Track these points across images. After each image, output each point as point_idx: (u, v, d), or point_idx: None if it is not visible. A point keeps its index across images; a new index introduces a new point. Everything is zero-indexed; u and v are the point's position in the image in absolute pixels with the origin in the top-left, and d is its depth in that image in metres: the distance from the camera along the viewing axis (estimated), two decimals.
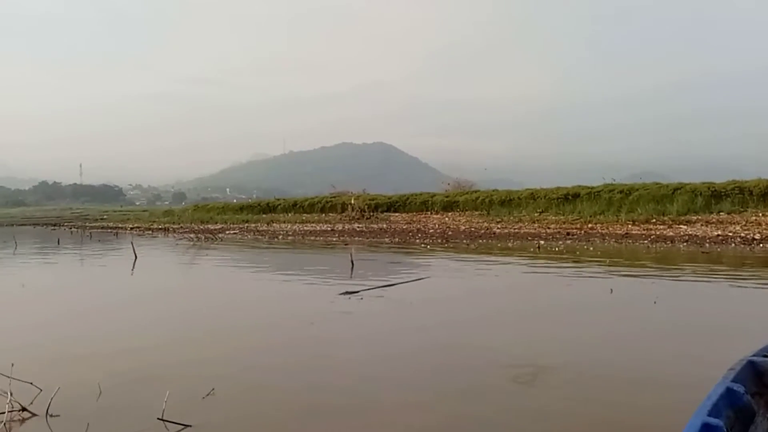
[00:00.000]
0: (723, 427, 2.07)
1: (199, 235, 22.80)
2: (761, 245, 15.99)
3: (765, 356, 2.89)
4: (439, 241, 18.84)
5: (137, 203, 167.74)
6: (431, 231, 23.26)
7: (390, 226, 26.76)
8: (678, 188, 24.74)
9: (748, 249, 15.24)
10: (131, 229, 33.66)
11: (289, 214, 41.66)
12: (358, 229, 25.15)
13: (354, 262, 11.01)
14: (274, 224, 32.48)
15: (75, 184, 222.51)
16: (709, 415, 2.13)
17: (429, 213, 35.96)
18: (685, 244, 16.64)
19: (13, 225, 45.04)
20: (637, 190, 26.12)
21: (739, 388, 2.44)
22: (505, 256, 14.23)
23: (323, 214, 40.03)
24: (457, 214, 33.99)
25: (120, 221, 45.22)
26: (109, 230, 33.09)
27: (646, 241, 17.12)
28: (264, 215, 42.48)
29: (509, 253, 14.74)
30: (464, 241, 18.43)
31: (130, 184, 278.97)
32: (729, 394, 2.38)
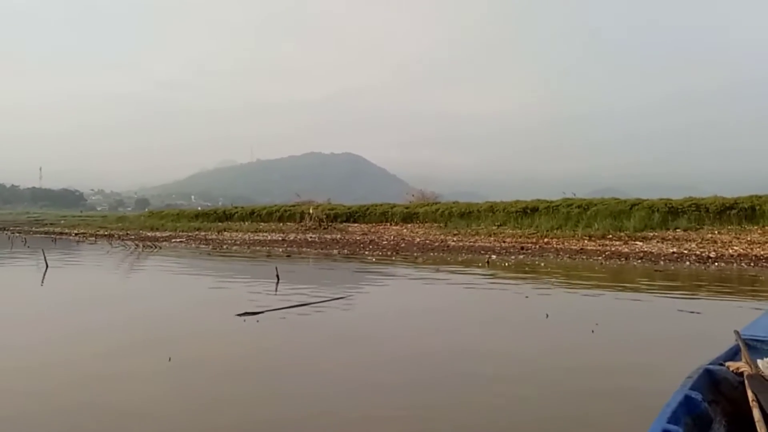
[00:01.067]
0: None
1: (138, 243, 21.52)
2: (716, 264, 15.57)
3: (721, 365, 2.93)
4: (389, 253, 18.02)
5: (99, 208, 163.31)
6: (384, 242, 22.43)
7: (343, 237, 25.85)
8: (635, 204, 24.44)
9: (702, 267, 14.78)
10: (75, 234, 32.08)
11: (246, 223, 40.42)
12: (309, 240, 24.20)
13: (279, 276, 10.01)
14: (226, 233, 31.31)
15: (34, 187, 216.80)
16: (669, 422, 2.15)
17: (388, 224, 35.22)
18: (639, 261, 16.12)
19: None
20: (596, 205, 25.75)
21: (696, 395, 2.48)
22: (450, 269, 13.45)
23: (281, 224, 38.98)
24: (417, 225, 33.33)
25: (69, 226, 43.35)
26: (52, 235, 31.44)
27: (600, 258, 16.56)
28: (220, 223, 41.14)
29: (456, 267, 13.97)
30: (415, 254, 17.65)
31: (92, 189, 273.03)
32: (687, 402, 2.42)
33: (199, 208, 59.76)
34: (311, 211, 37.90)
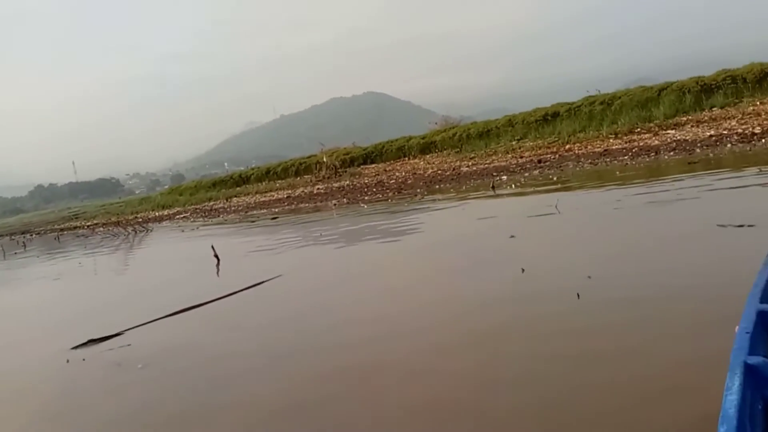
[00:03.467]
0: None
1: (128, 228, 20.06)
2: (763, 140, 13.30)
3: None
4: (391, 193, 16.24)
5: (137, 192, 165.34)
6: (392, 182, 20.64)
7: (352, 183, 24.16)
8: (664, 88, 21.83)
9: (747, 148, 12.55)
10: (87, 227, 31.32)
11: (263, 183, 39.23)
12: (315, 193, 22.61)
13: (219, 257, 8.17)
14: (235, 198, 29.98)
15: (71, 182, 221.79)
16: (761, 302, 2.02)
17: (407, 158, 33.45)
18: (672, 153, 13.94)
19: None
20: (620, 98, 23.21)
21: None
22: (446, 203, 11.65)
23: (297, 178, 37.61)
24: (435, 155, 31.45)
25: (89, 218, 42.95)
26: (60, 233, 30.63)
27: (626, 157, 14.40)
28: (237, 188, 40.09)
29: (456, 198, 12.15)
30: (418, 190, 15.83)
31: (127, 174, 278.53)
32: None
33: (233, 171, 58.25)
34: (324, 159, 36.36)
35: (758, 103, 17.85)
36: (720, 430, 1.33)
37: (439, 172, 21.00)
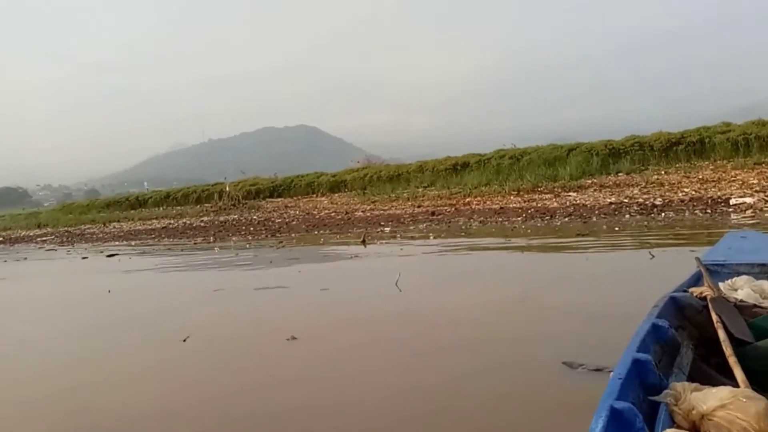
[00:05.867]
0: (651, 360, 2.05)
1: None
2: (663, 213, 12.32)
3: (685, 291, 2.84)
4: (264, 235, 14.34)
5: (46, 204, 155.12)
6: (278, 221, 18.72)
7: (240, 218, 22.05)
8: (573, 149, 21.17)
9: (644, 222, 11.47)
10: None
11: (160, 208, 36.48)
12: (194, 225, 20.36)
13: None
14: (114, 224, 27.17)
15: None
16: (638, 351, 2.12)
17: (314, 195, 31.83)
18: (568, 218, 12.76)
19: None
20: (529, 154, 22.41)
21: (663, 323, 2.45)
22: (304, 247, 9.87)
23: (198, 206, 35.12)
24: (342, 194, 29.95)
25: None
26: None
27: (519, 219, 13.11)
28: (132, 211, 37.13)
29: (326, 243, 10.40)
30: (292, 235, 14.00)
31: (38, 185, 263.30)
32: (654, 330, 2.39)
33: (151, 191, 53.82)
34: (227, 188, 34.24)
35: (663, 172, 17.25)
36: None
37: (332, 214, 19.27)
